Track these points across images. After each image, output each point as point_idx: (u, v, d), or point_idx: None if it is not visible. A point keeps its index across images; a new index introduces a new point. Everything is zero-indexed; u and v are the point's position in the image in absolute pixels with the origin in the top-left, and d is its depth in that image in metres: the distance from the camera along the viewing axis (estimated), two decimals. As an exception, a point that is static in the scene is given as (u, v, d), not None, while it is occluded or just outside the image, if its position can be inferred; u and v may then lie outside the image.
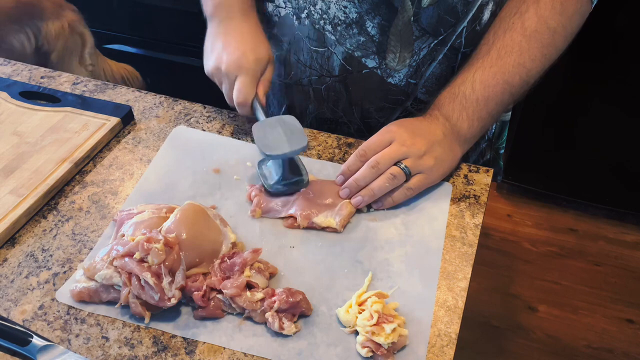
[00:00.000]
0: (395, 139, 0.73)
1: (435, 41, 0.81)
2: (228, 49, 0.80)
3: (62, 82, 0.93)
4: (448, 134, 0.75)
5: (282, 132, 0.73)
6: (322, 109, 0.93)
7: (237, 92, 0.78)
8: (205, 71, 0.83)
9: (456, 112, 0.76)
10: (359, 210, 0.73)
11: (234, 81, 0.79)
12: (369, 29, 0.81)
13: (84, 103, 0.86)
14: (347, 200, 0.73)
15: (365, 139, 0.76)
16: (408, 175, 0.72)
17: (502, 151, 1.01)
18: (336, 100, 0.90)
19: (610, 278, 1.72)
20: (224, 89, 0.81)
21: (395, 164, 0.72)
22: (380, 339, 0.57)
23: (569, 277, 1.72)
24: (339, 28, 0.82)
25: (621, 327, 1.60)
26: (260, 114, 0.78)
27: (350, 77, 0.87)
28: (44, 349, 0.57)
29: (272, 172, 0.75)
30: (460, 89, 0.76)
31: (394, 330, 0.58)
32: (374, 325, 0.58)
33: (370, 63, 0.84)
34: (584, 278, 1.72)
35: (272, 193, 0.74)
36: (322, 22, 0.83)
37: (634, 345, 1.56)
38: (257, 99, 0.79)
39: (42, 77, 0.94)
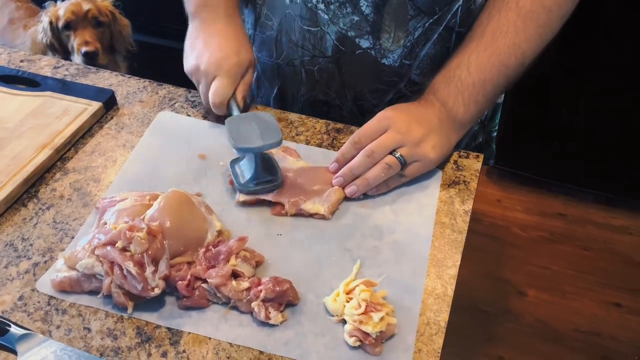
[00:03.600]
0: (391, 127, 0.72)
1: (430, 20, 0.79)
2: (210, 49, 0.78)
3: (43, 65, 0.91)
4: (444, 120, 0.74)
5: (256, 126, 0.69)
6: (315, 91, 0.91)
7: (214, 93, 0.76)
8: (185, 69, 0.81)
9: (452, 96, 0.75)
10: (347, 197, 0.72)
11: (211, 81, 0.77)
12: (363, 8, 0.79)
13: (65, 87, 0.84)
14: (336, 187, 0.72)
15: (358, 122, 0.74)
16: (403, 165, 0.71)
17: (495, 134, 1.00)
18: (329, 82, 0.89)
19: (599, 262, 1.73)
20: (201, 89, 0.80)
21: (390, 153, 0.71)
22: (368, 328, 0.56)
23: (558, 262, 1.73)
24: (331, 6, 0.80)
25: (609, 311, 1.61)
26: (236, 113, 0.75)
27: (344, 57, 0.85)
28: (23, 337, 0.55)
29: (245, 172, 0.71)
30: (456, 73, 0.75)
31: (382, 319, 0.57)
32: (362, 314, 0.57)
33: (364, 43, 0.82)
34: (572, 263, 1.73)
35: (242, 192, 0.70)
36: (314, 0, 0.81)
37: (622, 329, 1.57)
38: (235, 100, 0.77)
39: (21, 61, 0.92)
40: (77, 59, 1.64)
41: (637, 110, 1.65)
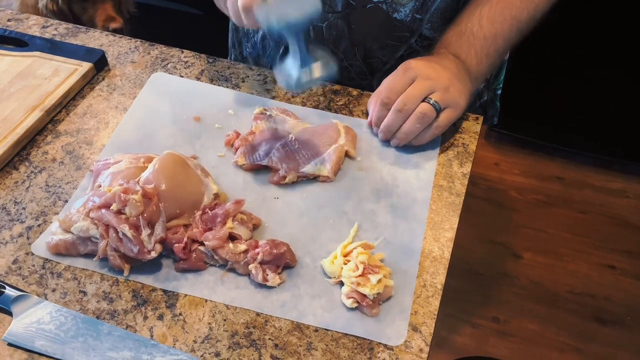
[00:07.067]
0: (418, 75, 0.69)
1: None
2: None
3: (31, 25, 0.88)
4: (460, 69, 0.73)
5: (291, 2, 0.60)
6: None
7: None
8: None
9: (464, 49, 0.74)
10: (347, 159, 0.71)
11: None
12: None
13: (54, 47, 0.81)
14: (335, 146, 0.70)
15: (367, 82, 0.71)
16: (439, 111, 0.69)
17: (499, 92, 0.99)
18: (338, 39, 0.86)
19: (595, 225, 1.74)
20: (229, 3, 0.67)
21: (423, 100, 0.69)
22: (365, 290, 0.56)
23: (554, 225, 1.73)
24: None
25: (603, 273, 1.63)
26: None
27: (354, 13, 0.82)
28: (18, 299, 0.55)
29: (291, 69, 0.64)
30: (467, 26, 0.74)
31: (379, 281, 0.57)
32: (360, 276, 0.57)
33: None
34: (569, 225, 1.73)
35: (298, 91, 0.64)
36: None
37: (615, 290, 1.59)
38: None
39: (8, 20, 0.89)
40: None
41: (635, 74, 1.63)
